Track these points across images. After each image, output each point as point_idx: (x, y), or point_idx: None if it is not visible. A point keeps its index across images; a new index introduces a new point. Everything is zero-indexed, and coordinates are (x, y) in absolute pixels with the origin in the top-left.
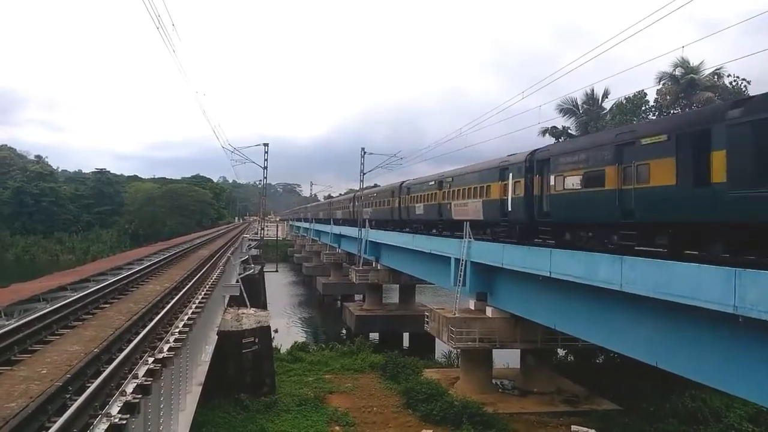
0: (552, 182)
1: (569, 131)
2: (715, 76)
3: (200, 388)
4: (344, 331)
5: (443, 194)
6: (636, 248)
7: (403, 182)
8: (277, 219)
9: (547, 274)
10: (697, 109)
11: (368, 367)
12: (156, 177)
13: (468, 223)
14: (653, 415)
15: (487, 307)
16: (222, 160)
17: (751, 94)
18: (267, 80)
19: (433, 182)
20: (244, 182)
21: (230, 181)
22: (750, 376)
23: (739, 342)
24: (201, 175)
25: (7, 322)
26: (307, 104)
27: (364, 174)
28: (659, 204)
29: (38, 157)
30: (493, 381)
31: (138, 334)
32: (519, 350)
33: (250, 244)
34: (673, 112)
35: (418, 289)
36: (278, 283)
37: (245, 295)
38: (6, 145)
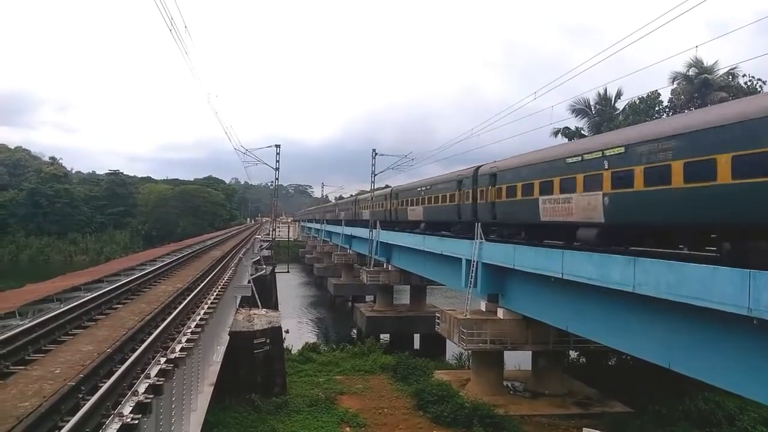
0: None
1: (582, 132)
2: (730, 76)
3: (212, 388)
4: (355, 332)
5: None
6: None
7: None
8: (289, 220)
9: (559, 276)
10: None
11: (379, 368)
12: (169, 178)
13: (479, 224)
14: (666, 417)
15: (498, 309)
16: (234, 162)
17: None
18: (278, 82)
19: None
20: (255, 183)
21: (242, 183)
22: (764, 379)
23: (754, 344)
24: (213, 176)
25: (21, 322)
26: (318, 105)
27: (375, 175)
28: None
29: (53, 158)
30: (505, 383)
31: (150, 334)
32: (530, 352)
33: (261, 245)
34: (687, 111)
35: (428, 290)
36: (289, 283)
37: (257, 296)
38: (21, 147)
